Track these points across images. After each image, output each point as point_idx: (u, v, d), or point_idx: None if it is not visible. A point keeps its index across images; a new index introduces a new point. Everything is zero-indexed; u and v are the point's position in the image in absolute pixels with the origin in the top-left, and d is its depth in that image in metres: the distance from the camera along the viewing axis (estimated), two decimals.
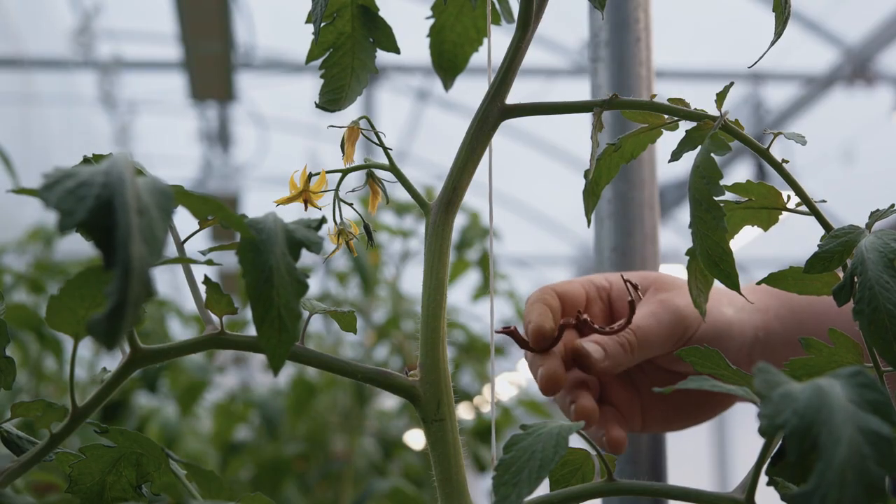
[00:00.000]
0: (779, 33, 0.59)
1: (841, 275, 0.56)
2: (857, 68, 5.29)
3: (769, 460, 0.48)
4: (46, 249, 2.22)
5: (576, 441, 0.54)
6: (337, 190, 0.62)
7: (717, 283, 0.74)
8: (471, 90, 0.86)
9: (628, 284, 0.68)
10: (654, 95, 0.64)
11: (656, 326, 0.72)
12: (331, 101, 0.65)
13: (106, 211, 0.37)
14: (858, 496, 0.37)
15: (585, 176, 0.64)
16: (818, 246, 0.56)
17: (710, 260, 0.59)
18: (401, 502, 1.83)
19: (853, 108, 5.56)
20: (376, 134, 0.61)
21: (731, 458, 9.16)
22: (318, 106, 0.65)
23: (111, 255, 0.36)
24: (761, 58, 0.61)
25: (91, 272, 0.49)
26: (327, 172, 0.62)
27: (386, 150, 0.62)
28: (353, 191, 0.62)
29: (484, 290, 2.20)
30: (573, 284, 0.76)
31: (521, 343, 0.70)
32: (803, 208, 0.59)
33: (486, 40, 0.72)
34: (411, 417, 2.28)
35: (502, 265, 3.09)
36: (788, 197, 0.61)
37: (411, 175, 0.64)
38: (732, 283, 0.59)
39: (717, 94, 0.58)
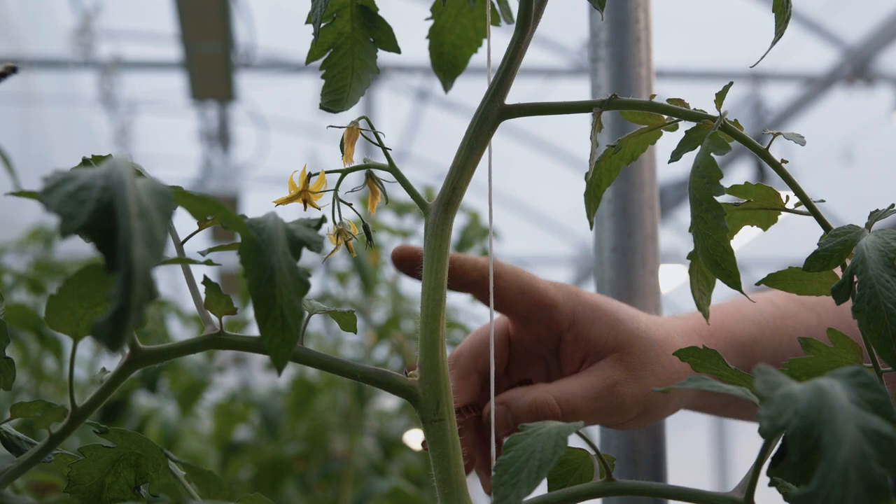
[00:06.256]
0: (779, 33, 0.59)
1: (840, 274, 0.55)
2: (857, 68, 5.29)
3: (770, 461, 0.48)
4: (46, 249, 2.22)
5: (574, 441, 0.54)
6: (336, 190, 0.62)
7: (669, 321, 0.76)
8: (471, 90, 0.86)
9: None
10: (654, 95, 0.64)
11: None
12: (333, 101, 0.65)
13: (107, 214, 0.37)
14: (861, 496, 0.37)
15: (586, 178, 0.64)
16: (818, 245, 0.56)
17: (711, 259, 0.58)
18: (401, 502, 1.83)
19: (853, 108, 5.57)
20: (376, 134, 0.61)
21: (731, 458, 9.15)
22: (320, 107, 0.65)
23: (113, 259, 0.36)
24: (762, 58, 0.61)
25: (90, 271, 0.49)
26: (327, 172, 0.61)
27: (385, 150, 0.61)
28: (352, 191, 0.62)
29: None
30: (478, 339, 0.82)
31: None
32: (802, 208, 0.59)
33: (485, 41, 0.71)
34: (411, 417, 2.28)
35: None
36: (788, 197, 0.61)
37: (411, 175, 0.63)
38: (734, 281, 0.59)
39: (717, 94, 0.58)
